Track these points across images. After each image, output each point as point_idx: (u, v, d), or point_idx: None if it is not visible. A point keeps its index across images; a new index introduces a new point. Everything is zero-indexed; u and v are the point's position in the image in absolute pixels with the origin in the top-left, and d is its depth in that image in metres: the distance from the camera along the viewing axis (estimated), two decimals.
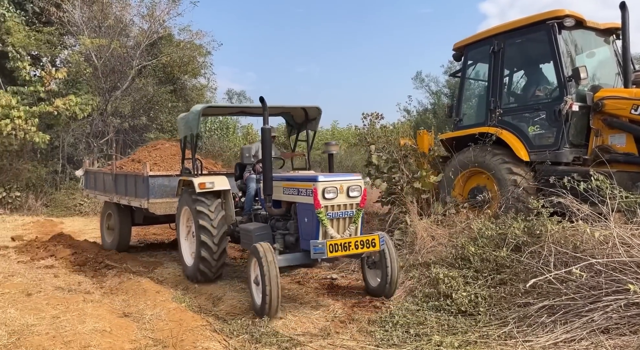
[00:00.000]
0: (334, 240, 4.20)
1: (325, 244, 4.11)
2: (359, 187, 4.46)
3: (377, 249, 4.32)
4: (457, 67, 7.95)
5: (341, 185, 4.38)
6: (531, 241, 4.65)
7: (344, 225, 4.44)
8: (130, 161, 8.48)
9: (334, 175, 4.56)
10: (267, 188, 4.63)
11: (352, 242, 4.22)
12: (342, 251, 4.17)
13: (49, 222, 12.25)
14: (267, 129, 4.58)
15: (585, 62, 6.31)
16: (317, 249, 4.13)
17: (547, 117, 6.06)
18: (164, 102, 19.30)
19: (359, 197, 4.46)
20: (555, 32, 5.98)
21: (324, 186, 4.29)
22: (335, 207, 4.36)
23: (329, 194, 4.30)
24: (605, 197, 4.37)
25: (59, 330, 3.80)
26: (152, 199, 6.71)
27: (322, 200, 4.27)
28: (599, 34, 6.51)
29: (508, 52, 6.58)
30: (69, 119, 15.34)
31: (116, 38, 17.47)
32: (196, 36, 20.67)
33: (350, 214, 4.43)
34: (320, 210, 4.25)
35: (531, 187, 5.79)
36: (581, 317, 3.59)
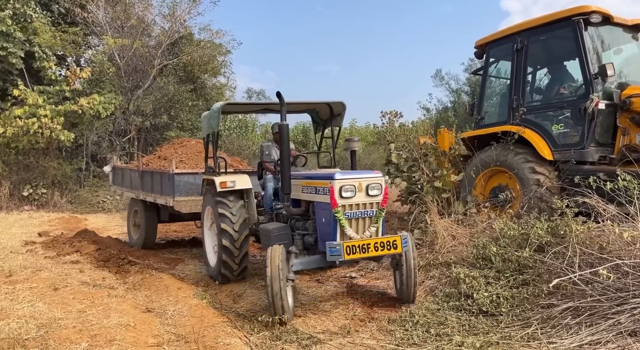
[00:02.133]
0: (352, 241, 3.97)
1: (342, 246, 3.87)
2: (379, 185, 4.22)
3: (398, 251, 4.06)
4: (479, 64, 7.85)
5: (360, 183, 4.15)
6: (555, 242, 4.57)
7: (363, 226, 4.21)
8: (156, 158, 8.48)
9: (352, 173, 4.36)
10: (285, 187, 4.50)
11: (372, 243, 3.97)
12: (360, 253, 3.91)
13: (74, 219, 12.56)
14: (285, 125, 4.44)
15: (612, 59, 6.15)
16: (333, 250, 3.90)
17: (572, 115, 5.93)
18: (185, 101, 19.55)
19: (379, 196, 4.22)
20: (581, 29, 5.85)
21: (341, 184, 4.08)
22: (354, 206, 4.14)
23: (346, 192, 4.09)
24: (632, 198, 4.26)
25: (85, 324, 3.90)
26: (177, 197, 6.66)
27: (339, 199, 4.06)
28: (626, 30, 6.34)
29: (532, 49, 6.46)
30: (92, 118, 15.70)
31: (138, 38, 17.78)
32: (216, 35, 20.91)
33: (370, 213, 4.21)
34: (337, 210, 4.05)
35: (555, 186, 5.69)
36: (607, 320, 3.52)
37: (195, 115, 20.47)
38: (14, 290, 4.88)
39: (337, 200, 4.06)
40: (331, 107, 6.14)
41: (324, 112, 6.36)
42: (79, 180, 16.83)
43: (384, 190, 4.25)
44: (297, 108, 6.49)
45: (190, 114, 19.94)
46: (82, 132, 16.43)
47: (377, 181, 4.23)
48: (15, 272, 5.80)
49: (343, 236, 4.11)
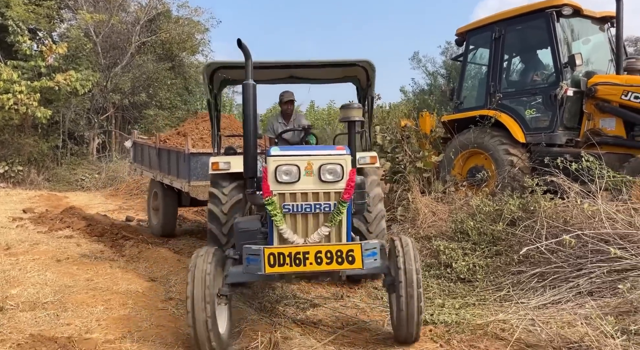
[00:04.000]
0: (278, 247, 2.78)
1: (261, 253, 2.70)
2: (340, 168, 2.93)
3: (356, 267, 2.78)
4: (457, 50, 8.24)
5: (309, 162, 2.90)
6: (525, 216, 5.05)
7: (316, 226, 2.97)
8: (175, 134, 7.73)
9: (299, 148, 3.28)
10: (247, 168, 3.28)
11: (312, 252, 2.73)
12: (290, 266, 2.72)
13: (54, 196, 12.52)
14: (251, 85, 3.27)
15: (581, 49, 6.64)
16: (249, 259, 2.80)
17: (544, 101, 6.41)
18: (163, 80, 19.37)
19: (339, 183, 2.92)
20: (553, 20, 6.28)
21: (278, 162, 2.91)
22: (298, 196, 2.91)
23: (285, 174, 2.90)
24: (594, 177, 4.77)
25: (96, 291, 4.17)
26: (194, 181, 5.75)
27: (273, 185, 2.90)
28: (594, 22, 6.82)
29: (508, 38, 6.88)
30: (69, 95, 15.44)
31: (115, 13, 17.42)
32: (195, 13, 20.67)
33: (325, 208, 2.93)
34: (269, 200, 2.87)
35: (526, 167, 6.19)
36: (568, 282, 4.02)
37: (174, 94, 20.33)
38: (17, 262, 5.07)
39: (270, 185, 2.90)
40: (367, 70, 4.74)
41: (363, 78, 5.00)
42: (56, 158, 16.63)
43: (347, 174, 2.95)
44: (329, 74, 5.15)
45: (169, 93, 19.79)
46: (58, 109, 16.17)
47: (337, 160, 2.95)
48: (13, 245, 5.94)
49: (283, 241, 2.94)
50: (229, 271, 3.08)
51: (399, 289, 3.00)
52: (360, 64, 4.65)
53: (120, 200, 12.17)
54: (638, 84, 5.79)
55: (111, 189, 14.47)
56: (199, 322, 2.77)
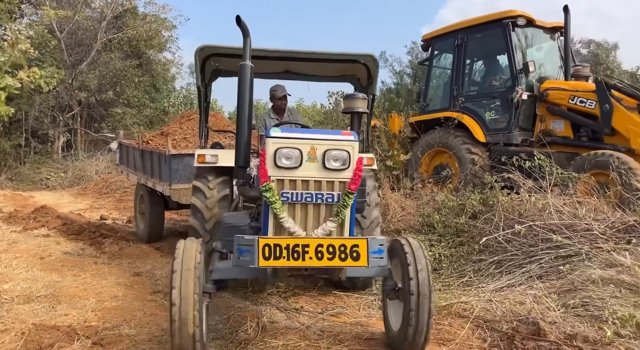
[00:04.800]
0: (276, 238, 2.55)
1: (256, 243, 2.47)
2: (347, 155, 2.67)
3: (361, 264, 2.57)
4: (424, 54, 8.72)
5: (312, 146, 2.66)
6: (485, 210, 5.55)
7: (316, 218, 2.72)
8: (159, 135, 7.52)
9: (301, 131, 2.99)
10: (240, 156, 3.06)
11: (312, 246, 2.52)
12: (287, 260, 2.49)
13: (19, 196, 12.28)
14: (249, 66, 3.06)
15: (534, 56, 7.25)
16: (242, 251, 2.51)
17: (501, 104, 6.97)
18: (130, 77, 19.13)
19: (346, 171, 2.68)
20: (509, 30, 6.84)
21: (278, 145, 2.63)
22: (299, 184, 2.66)
23: (285, 159, 2.63)
24: (545, 174, 5.31)
25: (86, 285, 4.35)
26: (175, 184, 5.46)
27: (272, 170, 2.63)
28: (545, 32, 7.43)
29: (470, 45, 7.40)
30: (33, 92, 15.08)
31: (80, 9, 17.09)
32: (162, 10, 20.50)
33: (329, 199, 2.68)
34: (266, 186, 2.61)
35: (486, 164, 6.73)
36: (521, 268, 4.51)
37: (141, 92, 20.10)
38: (0, 260, 5.14)
39: (268, 170, 2.64)
40: (368, 66, 4.52)
41: (363, 75, 4.74)
42: (19, 156, 16.19)
43: (354, 162, 2.71)
44: (327, 71, 4.90)
45: (136, 91, 19.55)
46: (21, 106, 15.74)
47: (343, 146, 2.68)
48: None
49: (280, 230, 2.69)
50: (214, 266, 2.81)
51: (410, 301, 2.73)
52: (361, 60, 4.41)
53: (90, 199, 12.07)
54: (583, 90, 6.41)
55: (78, 188, 14.28)
56: (186, 317, 2.39)
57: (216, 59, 4.44)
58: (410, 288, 2.76)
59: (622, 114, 5.89)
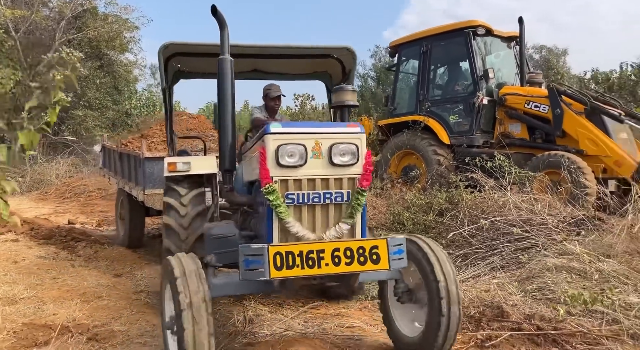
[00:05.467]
0: (287, 245, 2.29)
1: (265, 252, 2.22)
2: (355, 148, 2.47)
3: (381, 267, 2.37)
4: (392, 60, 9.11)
5: (317, 141, 2.42)
6: (451, 207, 5.92)
7: (324, 220, 2.49)
8: (139, 138, 7.25)
9: (303, 124, 2.70)
10: (226, 160, 2.88)
11: (328, 250, 2.29)
12: (302, 269, 2.25)
13: None
14: (228, 60, 2.90)
15: (493, 63, 7.76)
16: (249, 262, 2.24)
17: (464, 108, 7.42)
18: (92, 79, 18.68)
19: (355, 166, 2.48)
20: (470, 38, 7.31)
21: (279, 142, 2.40)
22: (304, 183, 2.43)
23: (288, 156, 2.41)
24: (505, 173, 5.74)
25: (68, 286, 4.37)
26: (149, 189, 5.20)
27: (273, 169, 2.40)
28: (503, 40, 7.96)
29: (434, 52, 7.83)
30: None
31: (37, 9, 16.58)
32: (124, 11, 20.14)
33: (337, 198, 2.47)
34: (269, 188, 2.37)
35: (451, 165, 7.15)
36: (485, 260, 4.89)
37: (103, 94, 19.65)
38: None
39: (270, 170, 2.40)
40: (342, 61, 4.28)
41: (336, 71, 4.49)
42: None
43: (363, 156, 2.51)
44: (298, 68, 4.65)
45: (98, 92, 19.11)
46: None
47: (351, 139, 2.48)
48: None
49: (286, 236, 2.45)
50: (210, 282, 2.43)
51: (440, 307, 2.54)
52: (335, 54, 4.13)
53: (53, 204, 11.76)
54: (537, 95, 6.93)
55: (38, 192, 13.83)
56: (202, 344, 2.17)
57: (178, 59, 4.13)
58: (440, 292, 2.55)
59: (572, 117, 6.43)
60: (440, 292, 2.56)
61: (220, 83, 2.91)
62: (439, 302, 2.56)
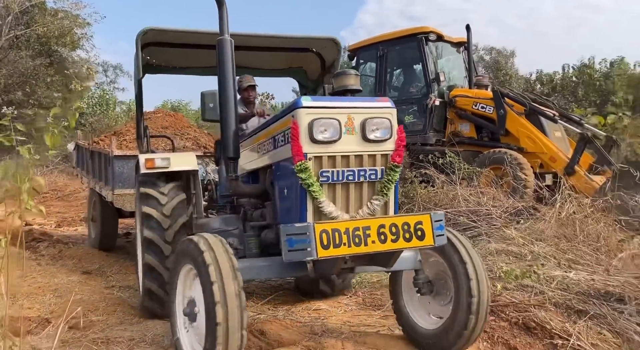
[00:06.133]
0: (332, 222, 2.20)
1: (311, 230, 2.10)
2: (388, 123, 2.43)
3: (426, 243, 2.30)
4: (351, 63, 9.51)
5: (349, 116, 2.35)
6: (407, 201, 6.37)
7: (357, 198, 2.42)
8: (112, 135, 6.87)
9: (334, 98, 2.49)
10: (230, 148, 2.74)
11: (374, 226, 2.20)
12: (348, 247, 2.14)
13: None
14: (227, 40, 2.76)
15: (444, 66, 8.31)
16: (293, 241, 2.13)
17: (418, 109, 7.93)
18: (42, 76, 18.02)
19: (388, 142, 2.43)
20: (423, 44, 7.81)
21: (313, 116, 2.30)
22: (338, 160, 2.35)
23: (322, 132, 2.30)
24: (455, 169, 6.26)
25: (38, 284, 4.42)
26: (119, 189, 4.98)
27: (307, 146, 2.29)
28: (453, 46, 8.54)
29: (390, 56, 8.29)
30: None
31: None
32: (75, 7, 19.55)
33: (370, 175, 2.40)
34: (302, 165, 2.27)
35: (407, 162, 7.61)
36: None
37: (54, 92, 18.98)
38: None
39: (303, 145, 2.28)
40: (322, 56, 4.11)
41: (313, 66, 4.32)
42: None
43: (395, 132, 2.48)
44: (272, 64, 4.41)
45: (49, 91, 18.45)
46: None
47: (384, 114, 2.43)
48: None
49: (320, 217, 2.35)
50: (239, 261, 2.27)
51: (470, 304, 2.49)
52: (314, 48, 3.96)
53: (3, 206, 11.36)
54: (483, 97, 7.52)
55: None
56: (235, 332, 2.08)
57: (150, 50, 3.89)
58: (471, 290, 2.49)
59: (513, 118, 7.05)
60: (472, 291, 2.49)
61: (221, 66, 2.77)
62: (471, 300, 2.49)
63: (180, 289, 2.50)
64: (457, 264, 2.57)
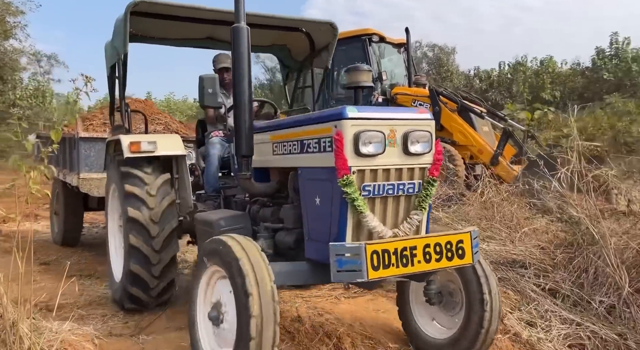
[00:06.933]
0: (381, 242, 2.15)
1: (363, 251, 2.07)
2: (429, 136, 2.38)
3: (466, 262, 2.32)
4: None
5: (392, 128, 2.30)
6: None
7: (394, 212, 2.38)
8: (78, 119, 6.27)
9: (377, 109, 2.39)
10: (244, 144, 2.62)
11: (419, 247, 2.20)
12: (397, 267, 2.13)
13: None
14: (243, 28, 2.61)
15: (386, 66, 8.95)
16: (343, 262, 2.09)
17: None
18: None
19: (427, 155, 2.39)
20: (366, 45, 8.39)
21: (359, 128, 2.23)
22: (380, 174, 2.30)
23: (368, 144, 2.24)
24: None
25: None
26: (85, 173, 4.79)
27: (352, 159, 2.21)
28: (394, 47, 9.19)
29: (337, 55, 8.66)
30: None
31: None
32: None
33: (409, 189, 2.37)
34: (347, 180, 2.18)
35: None
36: None
37: None
38: None
39: (348, 159, 2.20)
40: (311, 36, 4.02)
41: (300, 46, 4.24)
42: None
43: (434, 144, 2.42)
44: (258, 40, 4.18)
45: None
46: None
47: (425, 127, 2.38)
48: None
49: (359, 232, 2.31)
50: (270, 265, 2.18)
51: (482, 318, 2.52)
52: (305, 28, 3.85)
53: None
54: (421, 95, 8.22)
55: None
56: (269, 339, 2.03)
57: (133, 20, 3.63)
58: (484, 305, 2.52)
59: (447, 114, 7.78)
60: (484, 306, 2.52)
61: (235, 57, 2.62)
62: (482, 315, 2.52)
63: (199, 297, 2.44)
64: (471, 277, 2.58)
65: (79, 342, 2.83)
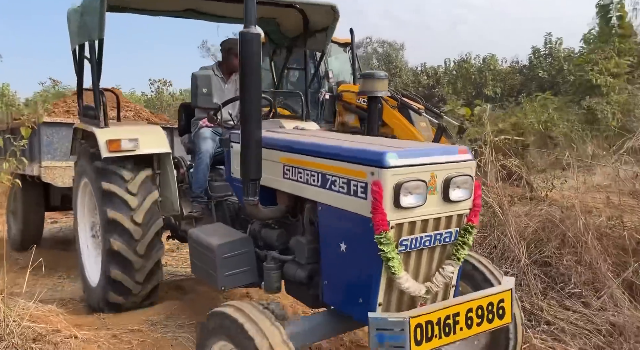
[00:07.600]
0: (424, 312, 1.90)
1: (406, 327, 1.82)
2: (470, 180, 2.09)
3: (505, 321, 2.12)
4: None
5: (432, 174, 2.00)
6: None
7: (428, 265, 2.12)
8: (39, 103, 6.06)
9: (417, 152, 2.03)
10: (252, 167, 2.25)
11: (462, 312, 1.97)
12: (439, 338, 1.92)
13: None
14: (255, 34, 2.15)
15: (333, 65, 9.44)
16: (384, 337, 1.85)
17: (312, 102, 8.96)
18: None
19: (467, 201, 2.11)
20: None
21: (400, 177, 1.92)
22: (418, 225, 2.02)
23: (411, 195, 1.94)
24: None
25: None
26: (47, 162, 4.50)
27: (391, 213, 1.92)
28: (340, 46, 9.71)
29: None
30: None
31: None
32: None
33: (445, 238, 2.11)
34: (385, 237, 1.89)
35: None
36: None
37: None
38: None
39: (388, 213, 1.91)
40: (305, 14, 3.74)
41: (290, 23, 3.99)
42: None
43: (474, 189, 2.13)
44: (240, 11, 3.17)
45: None
46: None
47: (466, 170, 2.09)
48: None
49: (390, 291, 2.06)
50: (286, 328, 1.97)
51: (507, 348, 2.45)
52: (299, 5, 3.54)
53: None
54: None
55: None
56: None
57: None
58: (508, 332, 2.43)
59: (388, 111, 8.37)
60: (509, 332, 2.41)
61: (243, 65, 2.18)
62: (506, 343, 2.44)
63: None
64: None
65: (45, 316, 3.06)
